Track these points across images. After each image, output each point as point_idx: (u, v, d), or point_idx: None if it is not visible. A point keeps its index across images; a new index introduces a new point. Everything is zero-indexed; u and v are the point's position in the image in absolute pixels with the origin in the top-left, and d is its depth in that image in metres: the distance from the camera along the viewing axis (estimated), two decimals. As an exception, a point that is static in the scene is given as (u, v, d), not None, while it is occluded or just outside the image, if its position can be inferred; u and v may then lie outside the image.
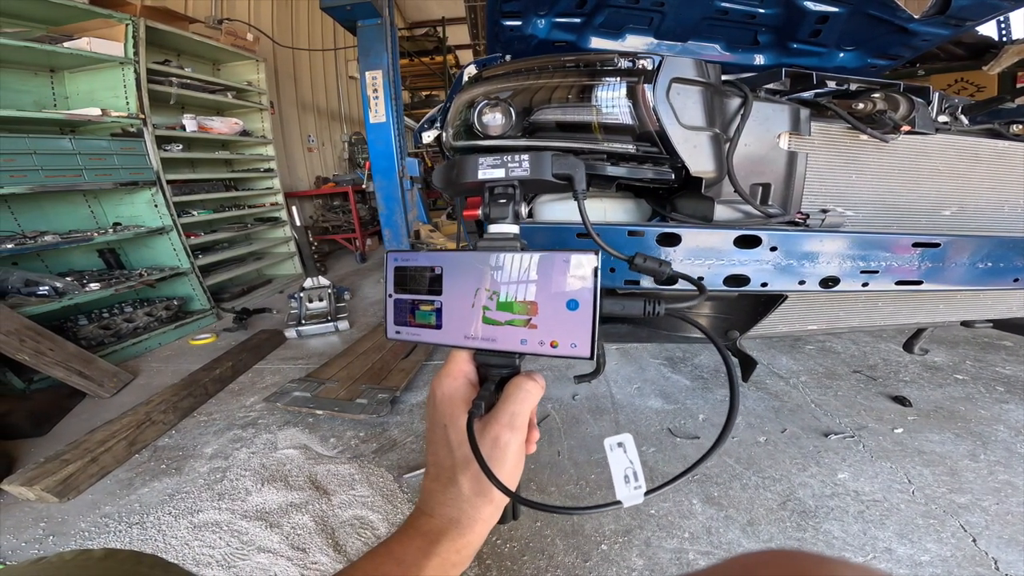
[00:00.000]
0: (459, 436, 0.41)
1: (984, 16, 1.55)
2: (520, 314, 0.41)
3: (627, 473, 0.37)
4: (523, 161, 0.45)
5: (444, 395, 0.44)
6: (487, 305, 0.42)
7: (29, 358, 2.01)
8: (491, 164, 0.45)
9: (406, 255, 0.47)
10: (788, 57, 2.02)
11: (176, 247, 3.22)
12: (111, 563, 0.35)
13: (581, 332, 0.39)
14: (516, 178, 0.45)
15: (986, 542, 1.21)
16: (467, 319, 0.43)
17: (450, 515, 0.41)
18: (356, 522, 1.40)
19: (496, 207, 0.45)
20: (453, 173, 0.47)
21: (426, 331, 0.46)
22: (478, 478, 0.40)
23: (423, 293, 0.45)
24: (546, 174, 0.45)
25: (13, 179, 2.33)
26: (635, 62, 0.94)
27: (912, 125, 0.90)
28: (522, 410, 0.41)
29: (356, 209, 5.45)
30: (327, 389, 2.10)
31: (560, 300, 0.39)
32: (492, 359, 0.44)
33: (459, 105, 1.24)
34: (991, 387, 1.94)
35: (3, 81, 2.69)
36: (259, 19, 5.16)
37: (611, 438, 0.38)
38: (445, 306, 0.44)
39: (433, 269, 0.45)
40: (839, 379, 2.08)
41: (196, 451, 1.79)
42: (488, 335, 0.42)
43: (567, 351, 0.39)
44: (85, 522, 1.44)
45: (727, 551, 1.25)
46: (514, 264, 0.41)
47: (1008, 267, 0.87)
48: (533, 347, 0.41)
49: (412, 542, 0.40)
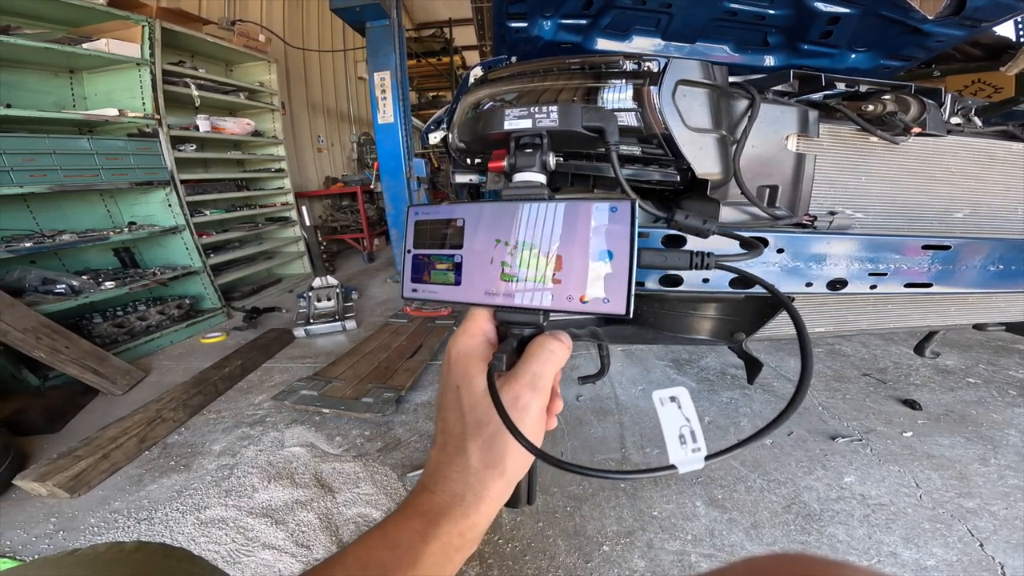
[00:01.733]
0: (473, 398, 0.38)
1: (1000, 17, 1.53)
2: (544, 268, 0.38)
3: (683, 432, 0.31)
4: (551, 112, 0.42)
5: (460, 353, 0.40)
6: (506, 261, 0.40)
7: (45, 355, 2.05)
8: (518, 115, 0.43)
9: (427, 208, 0.45)
10: (799, 58, 2.00)
11: (189, 246, 3.27)
12: (142, 555, 0.36)
13: (616, 285, 0.35)
14: (544, 128, 0.42)
15: (993, 547, 1.20)
16: (488, 274, 0.40)
17: (454, 490, 0.37)
18: (360, 520, 1.42)
19: (522, 156, 0.43)
20: (479, 125, 0.45)
21: (444, 288, 0.43)
22: (490, 446, 0.37)
23: (443, 247, 0.43)
24: (576, 125, 0.43)
25: (33, 178, 2.38)
26: (640, 64, 0.94)
27: (923, 127, 0.89)
28: (545, 371, 0.38)
29: (364, 209, 5.49)
30: (334, 388, 2.12)
31: (591, 251, 0.36)
32: (514, 316, 0.41)
33: (465, 107, 1.25)
34: (1004, 391, 1.91)
35: (25, 82, 2.76)
36: (271, 20, 5.22)
37: (661, 391, 0.33)
38: (465, 261, 0.42)
39: (455, 222, 0.42)
40: (848, 382, 2.05)
41: (205, 448, 1.81)
42: (509, 291, 0.40)
43: (599, 307, 0.36)
44: (95, 517, 1.46)
45: (730, 554, 1.24)
46: (540, 213, 0.39)
47: (1020, 270, 0.86)
48: (560, 303, 0.38)
49: (409, 523, 0.37)
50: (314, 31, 6.27)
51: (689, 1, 1.80)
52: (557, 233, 0.38)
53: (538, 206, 0.39)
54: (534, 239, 0.39)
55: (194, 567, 0.37)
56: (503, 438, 0.36)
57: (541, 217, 0.39)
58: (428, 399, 2.09)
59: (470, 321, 0.42)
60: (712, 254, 0.42)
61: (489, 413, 0.36)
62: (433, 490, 0.38)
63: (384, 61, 4.09)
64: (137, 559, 0.36)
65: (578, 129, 0.43)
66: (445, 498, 0.37)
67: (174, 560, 0.37)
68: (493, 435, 0.36)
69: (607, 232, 0.36)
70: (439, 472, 0.38)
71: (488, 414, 0.37)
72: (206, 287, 3.38)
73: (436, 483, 0.38)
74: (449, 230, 0.43)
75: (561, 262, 0.38)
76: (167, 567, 0.36)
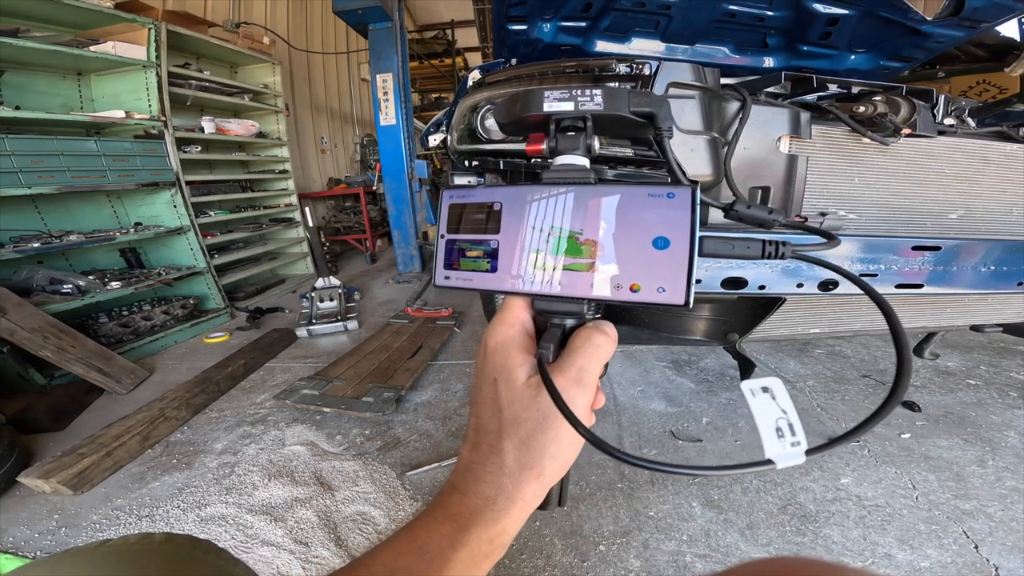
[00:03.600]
0: (511, 393, 0.36)
1: (999, 17, 1.52)
2: (589, 256, 0.36)
3: (780, 425, 0.29)
4: (595, 95, 0.39)
5: (498, 344, 0.38)
6: (547, 247, 0.38)
7: (51, 355, 2.09)
8: (558, 97, 0.40)
9: (463, 191, 0.42)
10: (798, 60, 2.00)
11: (193, 247, 3.30)
12: (171, 547, 0.37)
13: (673, 274, 0.33)
14: (588, 112, 0.39)
15: (988, 548, 1.20)
16: (527, 261, 0.38)
17: (486, 493, 0.35)
18: (358, 518, 1.43)
19: (564, 139, 0.40)
20: (516, 107, 0.42)
21: (479, 275, 0.41)
22: (527, 445, 0.34)
23: (478, 232, 0.41)
24: (623, 110, 0.39)
25: (41, 179, 2.41)
26: (633, 67, 0.96)
27: (913, 128, 0.89)
28: (592, 366, 0.36)
29: (367, 210, 5.52)
30: (335, 387, 2.14)
31: (645, 239, 0.34)
32: (555, 306, 0.38)
33: (463, 110, 1.26)
34: (1004, 392, 1.91)
35: (34, 84, 2.80)
36: (275, 23, 5.27)
37: (751, 381, 0.30)
38: (502, 247, 0.39)
39: (492, 205, 0.40)
40: (847, 383, 2.05)
41: (207, 447, 1.83)
42: (550, 279, 0.38)
43: (652, 296, 0.34)
44: (97, 514, 1.48)
45: (724, 554, 1.24)
46: (586, 198, 0.37)
47: (1012, 271, 0.86)
48: (607, 292, 0.35)
49: (439, 528, 0.35)
50: (318, 33, 6.32)
51: (688, 3, 1.81)
52: (605, 219, 0.36)
53: (583, 190, 0.37)
54: (579, 225, 0.37)
55: (219, 559, 0.39)
56: (542, 437, 0.34)
57: (587, 201, 0.37)
58: (428, 399, 2.11)
59: (507, 311, 0.39)
60: (788, 243, 0.39)
61: (529, 409, 0.35)
62: (464, 492, 0.36)
63: (386, 63, 4.12)
64: (166, 551, 0.37)
65: (625, 114, 0.39)
66: (477, 501, 0.35)
67: (201, 552, 0.38)
68: (531, 433, 0.34)
69: (663, 218, 0.34)
70: (471, 472, 0.37)
71: (528, 410, 0.35)
72: (210, 287, 3.41)
73: (467, 484, 0.36)
74: (485, 214, 0.41)
75: (608, 249, 0.36)
76: (194, 558, 0.38)
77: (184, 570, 0.36)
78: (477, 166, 1.34)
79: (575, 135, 0.40)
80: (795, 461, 0.28)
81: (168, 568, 0.36)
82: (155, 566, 0.36)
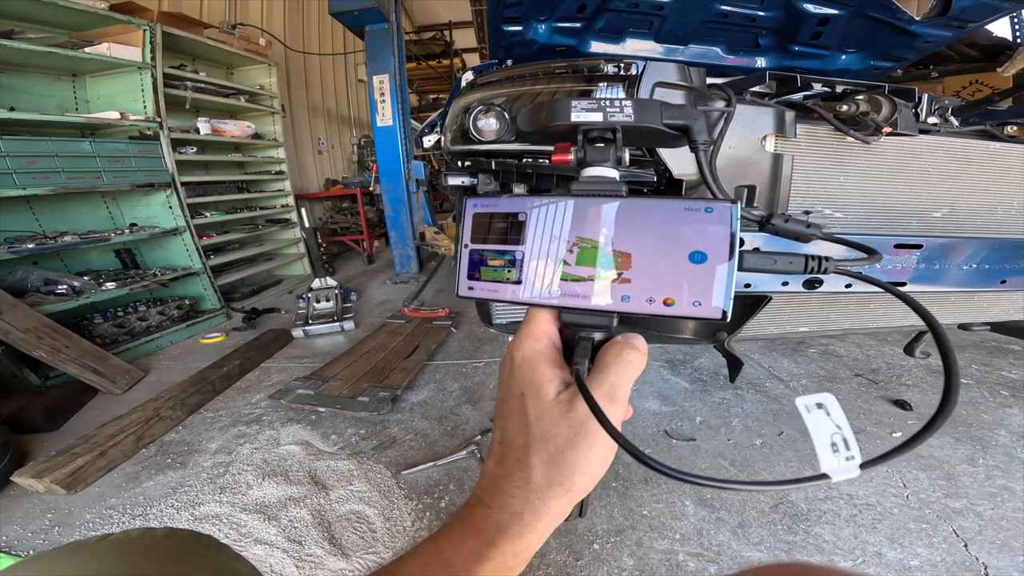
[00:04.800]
0: (540, 407, 0.35)
1: (985, 17, 1.54)
2: (618, 268, 0.36)
3: (835, 440, 0.30)
4: (625, 107, 0.39)
5: (525, 358, 0.37)
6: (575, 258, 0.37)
7: (46, 355, 2.09)
8: (586, 107, 0.39)
9: (487, 200, 0.42)
10: (790, 60, 2.01)
11: (189, 248, 3.30)
12: (172, 541, 0.38)
13: (710, 288, 0.33)
14: (617, 123, 0.39)
15: (978, 547, 1.20)
16: (554, 273, 0.38)
17: (513, 508, 0.35)
18: (352, 516, 1.43)
19: (593, 150, 0.39)
20: (542, 115, 0.41)
21: (504, 286, 0.40)
22: (556, 461, 0.34)
23: (504, 243, 0.40)
24: (655, 122, 0.38)
25: (36, 180, 2.41)
26: (620, 67, 0.96)
27: (894, 127, 0.90)
28: (624, 382, 0.35)
29: (364, 211, 5.52)
30: (330, 387, 2.14)
31: (680, 253, 0.34)
32: (583, 319, 0.38)
33: (456, 111, 1.27)
34: (995, 391, 1.92)
35: (28, 85, 2.79)
36: (271, 24, 5.27)
37: (806, 397, 0.31)
38: (528, 257, 0.39)
39: (516, 215, 0.40)
40: (840, 382, 2.06)
41: (201, 446, 1.84)
42: (578, 291, 0.37)
43: (687, 310, 0.34)
44: (91, 513, 1.49)
45: (716, 553, 1.25)
46: (617, 211, 0.36)
47: (994, 269, 0.87)
48: (639, 305, 0.35)
49: (465, 541, 0.35)
50: (315, 34, 6.32)
51: (681, 3, 1.82)
52: (637, 231, 0.36)
53: (614, 202, 0.37)
54: (608, 236, 0.36)
55: (220, 554, 0.40)
56: (572, 453, 0.34)
57: (618, 214, 0.36)
58: (424, 398, 2.11)
59: (533, 324, 0.39)
60: (831, 258, 0.38)
61: (559, 424, 0.34)
62: (490, 506, 0.36)
63: (383, 64, 4.13)
64: (168, 545, 0.38)
65: (657, 126, 0.39)
66: (503, 516, 0.35)
67: (202, 547, 0.39)
68: (561, 449, 0.34)
69: (700, 233, 0.34)
70: (496, 487, 0.36)
71: (558, 425, 0.34)
72: (206, 288, 3.41)
73: (493, 498, 0.36)
74: (511, 224, 0.40)
75: (641, 262, 0.35)
76: (195, 553, 0.38)
77: (185, 565, 0.37)
78: (470, 166, 1.35)
79: (604, 147, 0.39)
80: (850, 475, 0.29)
81: (169, 563, 0.36)
82: (156, 560, 0.36)
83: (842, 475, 0.29)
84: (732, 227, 0.33)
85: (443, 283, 4.18)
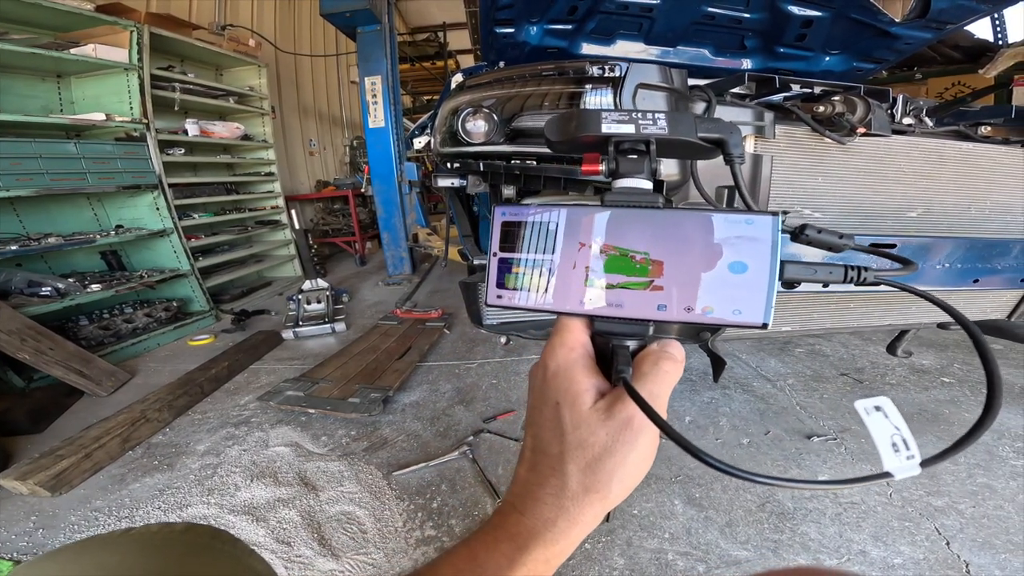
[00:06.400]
0: (577, 416, 0.35)
1: (964, 18, 1.57)
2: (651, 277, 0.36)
3: (895, 440, 0.31)
4: (659, 119, 0.39)
5: (560, 367, 0.37)
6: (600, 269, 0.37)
7: (29, 357, 2.06)
8: (617, 119, 0.39)
9: (516, 208, 0.41)
10: (775, 61, 2.04)
11: (177, 249, 3.27)
12: (191, 536, 0.40)
13: (752, 297, 0.34)
14: (651, 135, 0.39)
15: (959, 545, 1.22)
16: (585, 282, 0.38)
17: (547, 515, 0.35)
18: (343, 517, 1.43)
19: (626, 162, 0.39)
20: (571, 125, 0.41)
21: (534, 295, 0.39)
22: (593, 469, 0.34)
23: (534, 251, 0.39)
24: (690, 135, 0.39)
25: (19, 182, 2.39)
26: (604, 69, 0.97)
27: (868, 127, 0.91)
28: (663, 391, 0.35)
29: (356, 213, 5.50)
30: (320, 388, 2.13)
31: (720, 263, 0.35)
32: (618, 328, 0.38)
33: (445, 112, 1.28)
34: (977, 390, 1.95)
35: (12, 86, 2.76)
36: (262, 25, 5.24)
37: (864, 401, 0.32)
38: (560, 266, 0.38)
39: (549, 224, 0.39)
40: (826, 382, 2.08)
41: (189, 448, 1.82)
42: (614, 299, 0.37)
43: (728, 317, 0.35)
44: (75, 516, 1.47)
45: (705, 552, 1.26)
46: (655, 222, 0.36)
47: (967, 268, 0.89)
48: (676, 313, 0.35)
49: (498, 547, 0.35)
50: (306, 36, 6.30)
51: (669, 5, 1.84)
52: (674, 242, 0.36)
53: (649, 214, 0.37)
54: (643, 246, 0.36)
55: (235, 549, 0.41)
56: (610, 460, 0.34)
57: (653, 225, 0.36)
58: (417, 399, 2.11)
59: (566, 332, 0.38)
60: (870, 268, 0.39)
61: (596, 433, 0.34)
62: (523, 512, 0.36)
63: (375, 66, 4.12)
64: (187, 539, 0.39)
65: (692, 139, 0.39)
66: (536, 522, 0.35)
67: (219, 542, 0.41)
68: (598, 457, 0.34)
69: (741, 244, 0.35)
70: (529, 493, 0.36)
71: (595, 434, 0.34)
72: (194, 290, 3.38)
73: (526, 505, 0.36)
74: (542, 232, 0.40)
75: (668, 270, 0.36)
76: (213, 548, 0.40)
77: (204, 559, 0.38)
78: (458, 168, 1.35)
79: (638, 158, 0.39)
80: (911, 472, 0.30)
81: (188, 556, 0.38)
82: (176, 554, 0.38)
83: (904, 473, 0.30)
84: (774, 239, 0.34)
85: (436, 284, 4.17)
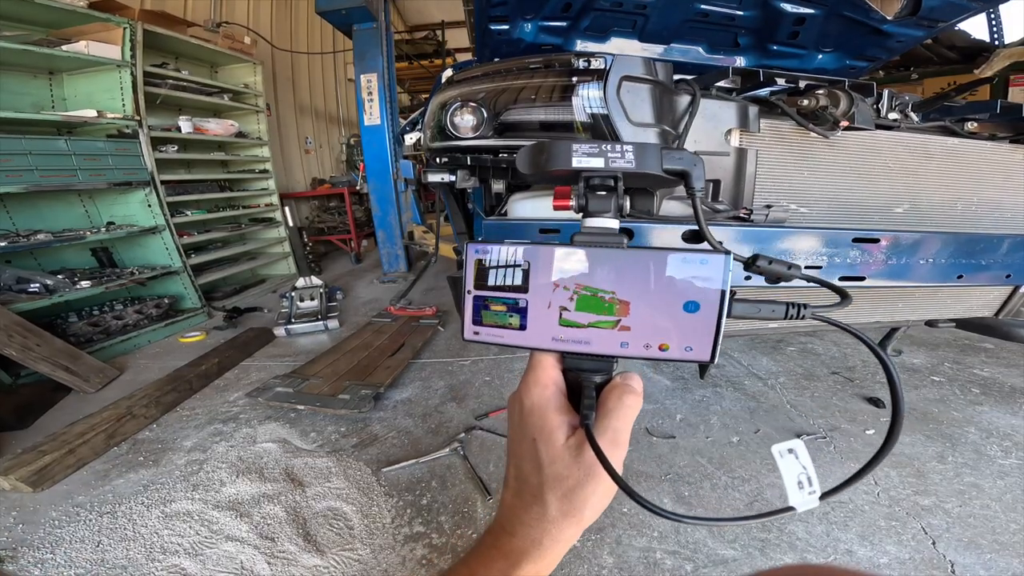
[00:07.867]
0: (552, 452, 0.38)
1: (955, 16, 1.57)
2: (615, 316, 0.38)
3: (800, 479, 0.35)
4: (626, 152, 0.40)
5: (534, 405, 0.40)
6: (568, 307, 0.39)
7: (16, 353, 2.04)
8: (587, 152, 0.40)
9: (487, 247, 0.42)
10: (768, 59, 2.04)
11: (168, 246, 3.25)
12: None
13: (700, 335, 0.36)
14: (617, 170, 0.40)
15: (945, 544, 1.22)
16: (556, 319, 0.40)
17: (533, 536, 0.38)
18: (329, 513, 1.42)
19: (596, 199, 0.40)
20: (542, 158, 0.42)
21: (509, 332, 0.41)
22: (569, 498, 0.37)
23: (507, 290, 0.41)
24: (655, 168, 0.40)
25: (9, 179, 2.37)
26: (589, 62, 0.97)
27: (851, 121, 0.91)
28: (625, 426, 0.38)
29: (352, 211, 5.49)
30: (310, 385, 2.12)
31: (675, 302, 0.36)
32: (584, 364, 0.41)
33: (434, 107, 1.27)
34: (967, 389, 1.95)
35: (3, 83, 2.73)
36: (258, 23, 5.22)
37: (780, 445, 0.36)
38: (531, 305, 0.40)
39: (519, 264, 0.41)
40: (817, 380, 2.08)
41: (175, 444, 1.81)
42: (581, 337, 0.39)
43: (679, 354, 0.37)
44: (56, 511, 1.46)
45: (693, 551, 1.25)
46: (617, 261, 0.38)
47: (952, 264, 0.88)
48: (636, 350, 0.38)
49: (494, 564, 0.39)
50: (303, 33, 6.28)
51: (663, 2, 1.83)
52: (636, 281, 0.37)
53: (614, 253, 0.38)
54: (609, 286, 0.38)
55: None
56: (583, 491, 0.37)
57: (617, 265, 0.38)
58: (408, 396, 2.10)
59: (539, 370, 0.41)
60: (808, 305, 0.40)
61: (571, 467, 0.37)
62: (512, 534, 0.39)
63: (371, 64, 4.11)
64: None
65: (657, 172, 0.40)
66: (525, 543, 0.38)
67: None
68: (573, 488, 0.37)
69: (694, 282, 0.36)
70: (516, 517, 0.40)
71: (569, 468, 0.38)
72: (186, 287, 3.37)
73: (515, 528, 0.39)
74: (513, 272, 0.41)
75: (633, 309, 0.38)
76: None
77: None
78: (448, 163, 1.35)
79: (606, 195, 0.40)
80: (811, 505, 0.35)
81: None
82: None
83: (806, 506, 0.35)
84: (724, 278, 0.35)
85: (431, 282, 4.16)
